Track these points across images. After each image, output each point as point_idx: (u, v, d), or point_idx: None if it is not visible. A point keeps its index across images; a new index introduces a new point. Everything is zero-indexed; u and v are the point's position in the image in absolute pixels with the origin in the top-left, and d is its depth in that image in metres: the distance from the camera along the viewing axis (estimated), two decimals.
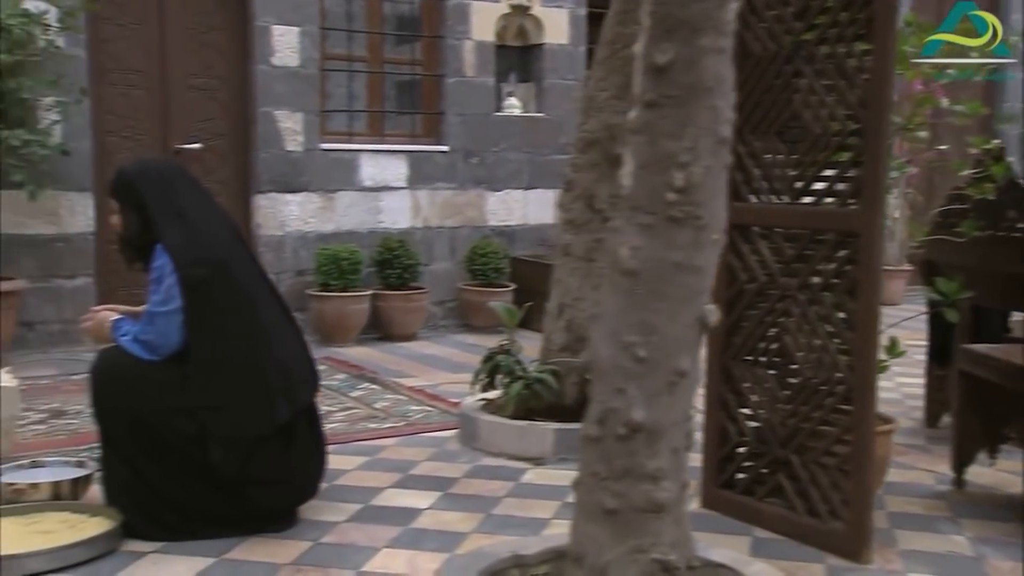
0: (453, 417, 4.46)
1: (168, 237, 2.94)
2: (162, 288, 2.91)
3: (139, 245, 3.02)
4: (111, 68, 6.04)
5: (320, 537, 2.98)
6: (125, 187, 3.03)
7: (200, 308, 2.91)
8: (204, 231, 3.01)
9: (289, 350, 3.06)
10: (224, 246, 3.04)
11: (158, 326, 2.91)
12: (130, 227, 3.01)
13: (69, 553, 2.72)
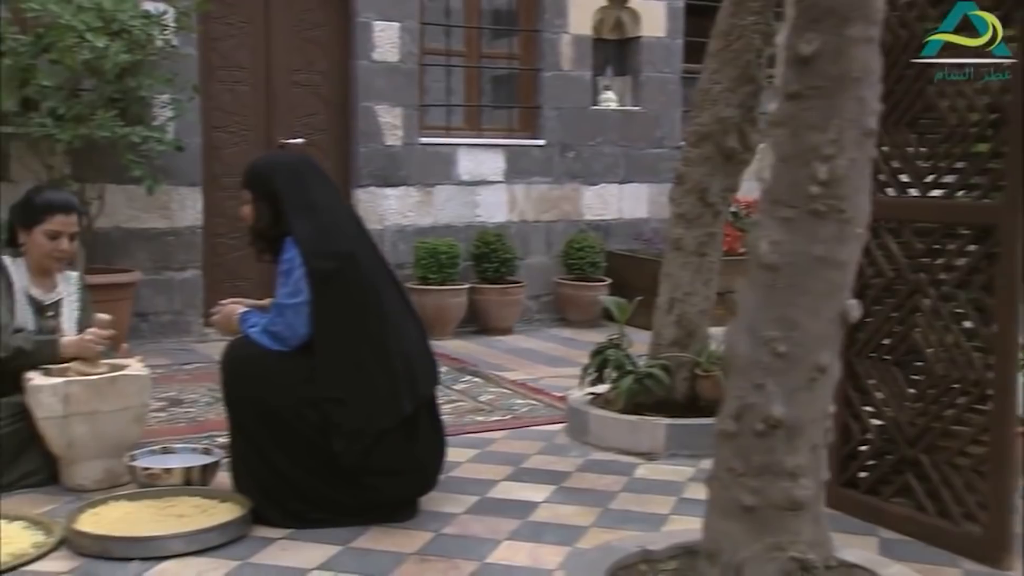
0: (559, 411, 4.47)
1: (298, 230, 3.00)
2: (291, 281, 2.97)
3: (270, 237, 3.08)
4: (219, 66, 6.19)
5: (441, 528, 3.01)
6: (259, 179, 3.09)
7: (327, 301, 2.96)
8: (332, 224, 3.07)
9: (412, 343, 3.09)
10: (351, 239, 3.09)
11: (287, 318, 2.97)
12: (261, 219, 3.08)
13: (205, 537, 2.80)
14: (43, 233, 3.48)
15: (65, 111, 4.96)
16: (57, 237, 3.50)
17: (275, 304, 3.03)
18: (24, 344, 3.35)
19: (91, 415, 3.26)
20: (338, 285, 2.96)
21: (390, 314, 3.06)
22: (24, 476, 3.32)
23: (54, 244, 3.50)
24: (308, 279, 2.96)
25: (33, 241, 3.49)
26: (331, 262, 2.98)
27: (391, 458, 2.99)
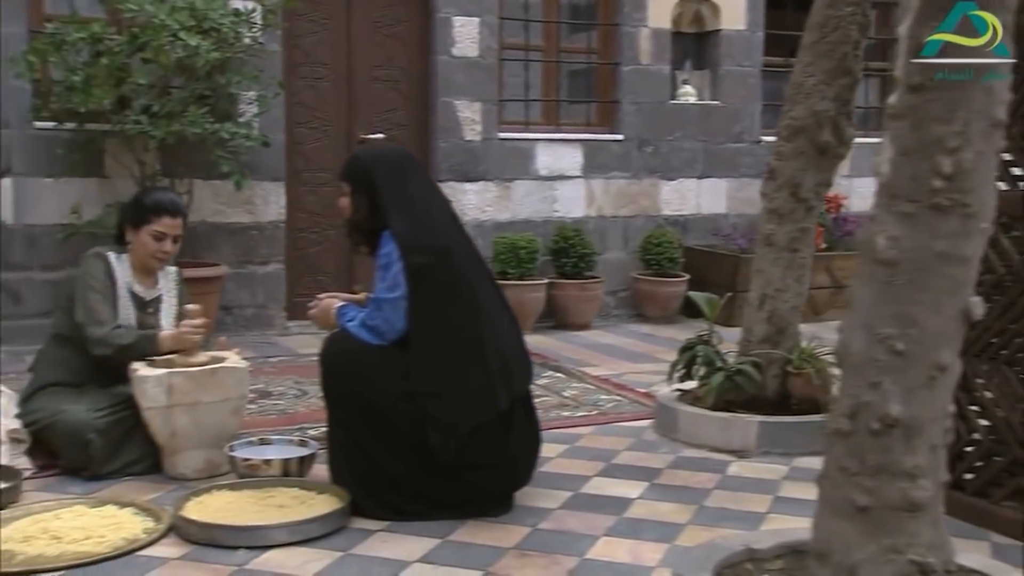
0: (645, 407, 4.44)
1: (395, 224, 3.02)
2: (389, 275, 2.99)
3: (366, 230, 3.11)
4: (301, 62, 6.27)
5: (538, 523, 3.01)
6: (359, 171, 3.12)
7: (423, 295, 2.98)
8: (429, 219, 3.08)
9: (506, 338, 3.10)
10: (447, 234, 3.10)
11: (385, 312, 2.99)
12: (359, 211, 3.11)
13: (308, 527, 2.84)
14: (150, 234, 3.56)
15: (158, 108, 5.06)
16: (162, 239, 3.58)
17: (373, 298, 3.06)
18: (125, 340, 3.43)
19: (193, 406, 3.32)
20: (434, 280, 2.98)
21: (485, 309, 3.06)
22: (128, 464, 3.40)
23: (159, 245, 3.58)
24: (405, 274, 2.98)
25: (139, 240, 3.57)
26: (427, 257, 3.00)
27: (487, 452, 2.99)
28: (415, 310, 2.98)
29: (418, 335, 2.99)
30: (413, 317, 2.98)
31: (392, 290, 2.99)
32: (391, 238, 3.01)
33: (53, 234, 5.55)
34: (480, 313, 3.03)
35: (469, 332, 2.99)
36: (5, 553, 2.69)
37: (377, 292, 3.04)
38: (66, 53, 5.02)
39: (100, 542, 2.76)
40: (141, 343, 3.46)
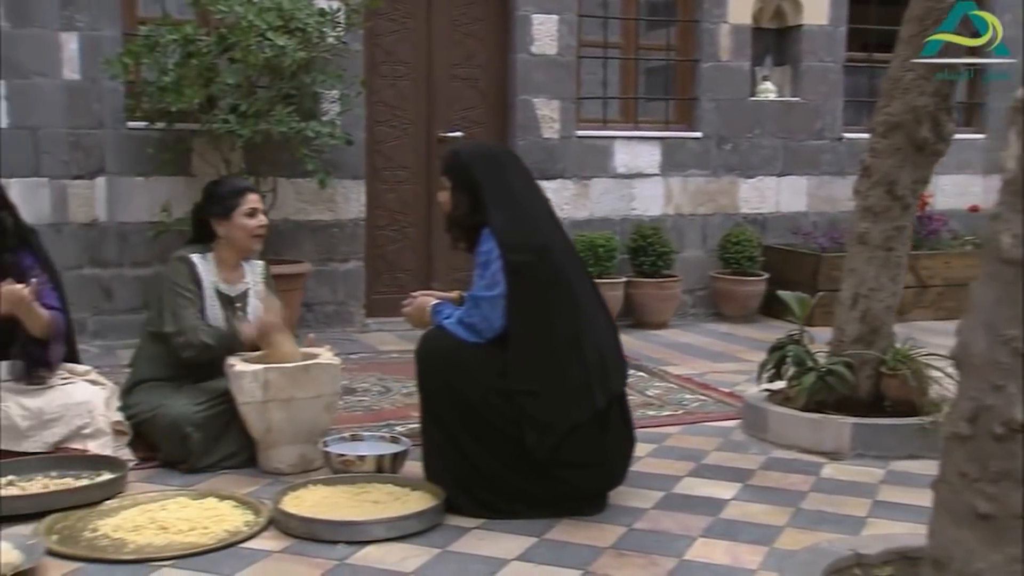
0: (731, 407, 4.40)
1: (495, 221, 3.02)
2: (488, 273, 3.00)
3: (466, 225, 3.11)
4: (382, 61, 6.32)
5: (632, 523, 3.00)
6: (460, 167, 3.12)
7: (522, 293, 2.97)
8: (529, 216, 3.08)
9: (603, 337, 3.09)
10: (547, 231, 3.10)
11: (482, 310, 3.00)
12: (459, 207, 3.11)
13: (405, 523, 2.86)
14: (243, 214, 3.63)
15: (246, 108, 5.15)
16: (255, 214, 3.65)
17: (471, 296, 3.06)
18: (209, 339, 3.50)
19: (287, 401, 3.37)
20: (533, 278, 2.97)
21: (583, 307, 3.05)
22: (225, 458, 3.47)
23: (256, 221, 3.66)
24: (504, 271, 2.98)
25: (235, 225, 3.63)
26: (526, 255, 2.99)
27: (582, 451, 2.98)
28: (514, 308, 2.98)
29: (516, 333, 2.98)
30: (512, 315, 2.98)
31: (491, 288, 2.99)
32: (491, 236, 3.01)
33: (143, 231, 5.68)
34: (579, 312, 3.02)
35: (568, 331, 2.98)
36: (117, 541, 2.76)
37: (475, 290, 3.04)
38: (159, 54, 5.13)
39: (204, 533, 2.82)
40: (224, 340, 3.52)
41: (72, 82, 5.47)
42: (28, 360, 3.44)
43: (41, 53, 5.37)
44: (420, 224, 6.52)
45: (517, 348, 2.97)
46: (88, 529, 2.85)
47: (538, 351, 2.96)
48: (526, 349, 2.97)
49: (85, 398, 3.47)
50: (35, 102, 5.40)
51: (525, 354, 2.97)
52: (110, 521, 2.90)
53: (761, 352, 5.72)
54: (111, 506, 3.02)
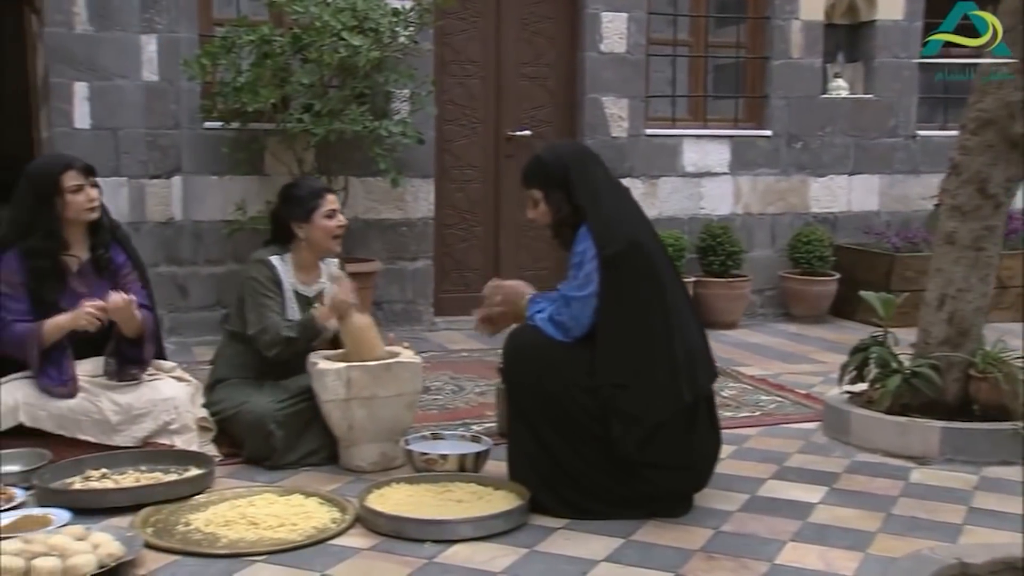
0: (809, 409, 4.34)
1: (591, 217, 3.00)
2: (581, 274, 2.99)
3: (572, 224, 3.07)
4: (451, 60, 6.34)
5: (719, 525, 2.96)
6: (547, 172, 3.10)
7: (615, 286, 2.95)
8: (618, 211, 3.07)
9: (693, 335, 3.06)
10: (637, 225, 3.08)
11: (573, 309, 2.98)
12: (562, 209, 3.07)
13: (492, 523, 2.86)
14: (323, 216, 3.66)
15: (320, 107, 5.19)
16: (334, 215, 3.68)
17: (562, 295, 3.03)
18: (290, 333, 3.53)
19: (369, 400, 3.39)
20: (626, 271, 2.95)
21: (674, 303, 3.04)
22: (306, 455, 3.50)
23: (336, 221, 3.69)
24: (598, 266, 2.95)
25: (315, 227, 3.66)
26: (621, 246, 2.97)
27: (669, 451, 2.96)
28: (605, 301, 2.95)
29: (607, 326, 2.96)
30: (603, 308, 2.95)
31: (583, 288, 2.98)
32: (587, 234, 3.00)
33: (217, 230, 5.77)
34: (669, 307, 3.01)
35: (657, 325, 2.96)
36: (210, 536, 2.80)
37: (567, 289, 3.02)
38: (235, 55, 5.20)
39: (293, 529, 2.85)
40: (304, 328, 3.54)
41: (151, 83, 5.57)
42: (121, 358, 3.51)
43: (123, 55, 5.48)
44: (488, 223, 6.53)
45: (607, 341, 2.95)
46: (181, 523, 2.90)
47: (628, 344, 2.94)
48: (616, 341, 2.95)
49: (172, 394, 3.53)
50: (116, 103, 5.51)
51: (615, 347, 2.95)
52: (201, 515, 2.94)
53: (834, 353, 5.69)
54: (201, 501, 3.07)
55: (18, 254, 3.45)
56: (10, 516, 2.83)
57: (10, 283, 3.43)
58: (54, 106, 5.48)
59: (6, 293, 3.43)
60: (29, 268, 3.43)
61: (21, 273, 3.44)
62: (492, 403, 4.39)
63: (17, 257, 3.45)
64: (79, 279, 3.53)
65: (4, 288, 3.43)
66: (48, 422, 3.34)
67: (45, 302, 3.45)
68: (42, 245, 3.45)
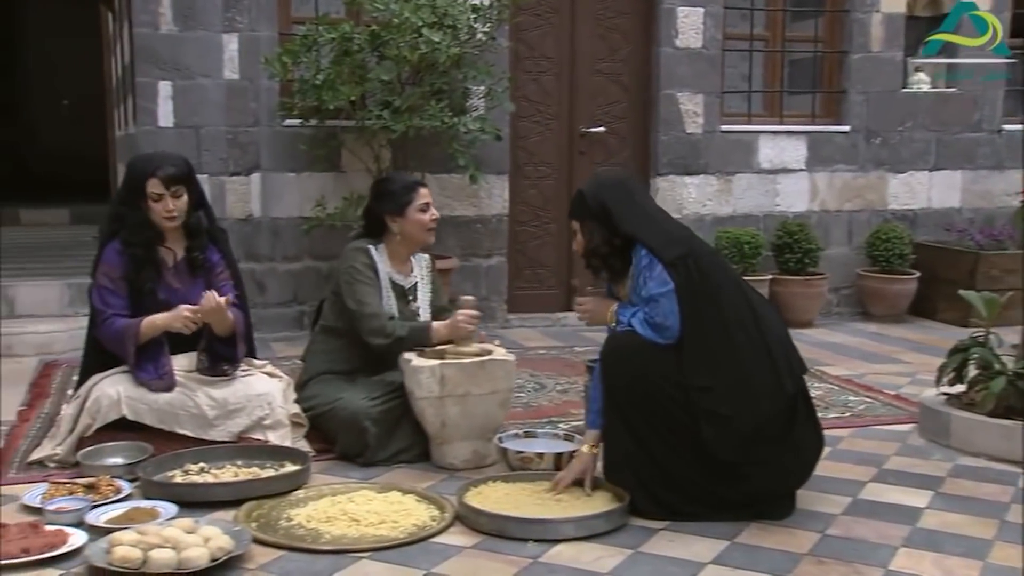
0: (901, 410, 4.26)
1: (642, 232, 3.05)
2: (655, 273, 2.99)
3: (604, 254, 3.14)
4: (526, 56, 6.31)
5: (824, 529, 2.90)
6: (584, 204, 3.16)
7: (686, 287, 2.96)
8: (666, 222, 3.16)
9: (778, 328, 3.03)
10: (688, 234, 3.15)
11: (663, 306, 2.95)
12: (593, 238, 3.14)
13: (594, 523, 2.83)
14: (417, 210, 3.67)
15: (399, 104, 5.20)
16: (427, 208, 3.69)
17: (648, 296, 3.00)
18: (401, 331, 3.53)
19: (463, 397, 3.38)
20: (695, 272, 2.96)
21: (751, 298, 3.04)
22: (398, 452, 3.50)
23: (429, 215, 3.69)
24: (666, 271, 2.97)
25: (409, 220, 3.68)
26: (679, 252, 3.01)
27: (769, 448, 2.91)
28: (684, 305, 2.95)
29: (689, 328, 2.94)
30: (684, 313, 2.94)
31: (663, 285, 2.96)
32: (642, 246, 3.04)
33: (294, 227, 5.81)
34: (750, 302, 3.00)
35: (743, 321, 2.94)
36: (312, 532, 2.81)
37: (650, 290, 2.99)
38: (315, 53, 5.23)
39: (395, 527, 2.84)
40: (415, 334, 3.55)
41: (231, 81, 5.63)
42: (213, 355, 3.54)
43: (205, 54, 5.54)
44: (561, 220, 6.48)
45: (688, 343, 2.94)
46: (283, 518, 2.91)
47: (711, 345, 2.92)
48: (697, 344, 2.93)
49: (265, 390, 3.55)
50: (198, 102, 5.57)
51: (698, 349, 2.93)
52: (302, 511, 2.95)
53: (919, 354, 5.59)
54: (300, 496, 3.08)
55: (118, 246, 3.49)
56: (119, 508, 2.87)
57: (110, 276, 3.49)
58: (140, 105, 5.56)
59: (106, 287, 3.48)
60: (127, 257, 3.47)
61: (120, 266, 3.48)
62: (576, 401, 4.38)
63: (117, 249, 3.49)
64: (174, 274, 3.57)
65: (105, 282, 3.48)
66: (149, 416, 3.38)
67: (143, 292, 3.49)
68: (138, 235, 3.48)
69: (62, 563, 2.56)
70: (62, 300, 5.46)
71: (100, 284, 3.49)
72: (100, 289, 3.49)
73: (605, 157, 6.51)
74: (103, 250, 3.53)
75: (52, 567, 2.54)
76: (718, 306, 2.96)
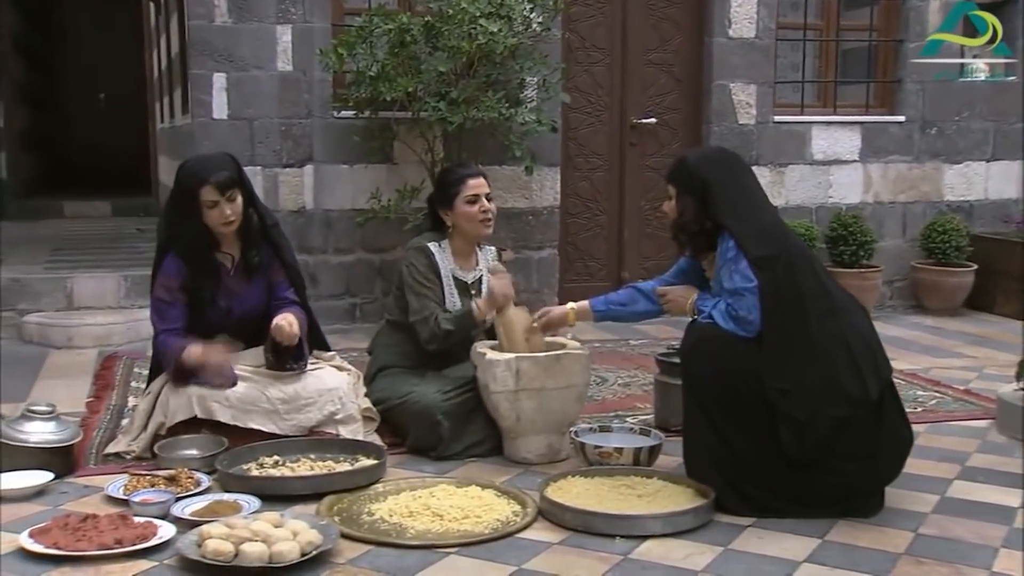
0: (974, 405, 4.20)
1: (732, 224, 2.98)
2: (741, 267, 2.94)
3: (693, 231, 3.08)
4: (577, 47, 6.24)
5: (917, 528, 2.84)
6: (687, 174, 3.09)
7: (769, 287, 2.90)
8: (763, 214, 3.07)
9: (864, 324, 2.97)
10: (781, 229, 3.05)
11: (748, 301, 2.90)
12: (685, 213, 3.08)
13: (681, 519, 2.78)
14: (464, 201, 3.62)
15: (456, 95, 5.15)
16: (476, 200, 3.62)
17: (733, 289, 2.95)
18: (448, 325, 3.50)
19: (539, 391, 3.34)
20: (778, 272, 2.90)
21: (836, 297, 2.98)
22: (471, 446, 3.46)
23: (477, 207, 3.63)
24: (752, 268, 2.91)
25: (459, 214, 3.63)
26: (771, 248, 2.95)
27: (857, 442, 2.85)
28: (766, 304, 2.89)
29: (770, 330, 2.89)
30: (764, 311, 2.89)
31: (748, 280, 2.92)
32: (729, 236, 2.97)
33: (347, 219, 5.78)
34: (833, 301, 2.94)
35: (826, 325, 2.88)
36: (396, 526, 2.78)
37: (735, 283, 2.94)
38: (371, 44, 5.19)
39: (478, 522, 2.80)
40: (462, 321, 3.51)
41: (285, 73, 5.60)
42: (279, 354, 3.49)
43: (259, 46, 5.52)
44: (612, 212, 6.44)
45: (769, 344, 2.88)
46: (364, 512, 2.88)
47: (791, 347, 2.86)
48: (778, 346, 2.88)
49: (336, 384, 3.52)
50: (251, 93, 5.55)
51: (777, 350, 2.87)
52: (383, 505, 2.92)
53: (981, 348, 5.50)
54: (379, 490, 3.05)
55: (175, 257, 3.41)
56: (202, 500, 2.85)
57: (168, 287, 3.41)
58: (193, 96, 5.55)
59: (163, 299, 3.41)
60: (185, 267, 3.40)
61: (178, 276, 3.40)
62: (639, 395, 4.33)
63: (175, 260, 3.41)
64: (233, 278, 3.51)
65: (162, 293, 3.41)
66: (221, 412, 3.34)
67: (203, 301, 3.44)
68: (194, 244, 3.41)
69: (153, 555, 2.54)
70: (119, 292, 5.47)
71: (157, 296, 3.42)
72: (156, 302, 3.43)
73: (656, 149, 6.44)
74: (160, 261, 3.44)
75: (144, 558, 2.52)
76: (801, 309, 2.89)
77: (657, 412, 3.83)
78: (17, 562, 2.51)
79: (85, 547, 2.49)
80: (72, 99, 12.50)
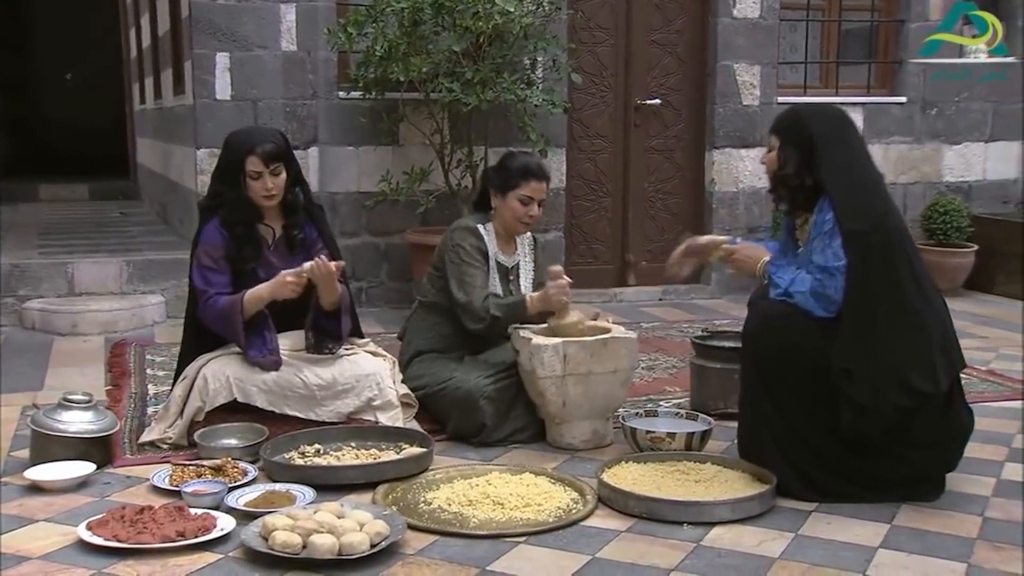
0: (1000, 386, 4.25)
1: (832, 186, 2.86)
2: (835, 243, 2.83)
3: (792, 186, 2.96)
4: (581, 27, 6.15)
5: (982, 511, 2.81)
6: (794, 125, 2.97)
7: (857, 264, 2.80)
8: (866, 182, 2.93)
9: (943, 314, 2.92)
10: (884, 200, 2.93)
11: (837, 280, 2.80)
12: (786, 165, 2.95)
13: (748, 505, 2.73)
14: (517, 198, 3.54)
15: (472, 75, 5.05)
16: (529, 203, 3.55)
17: (822, 267, 2.84)
18: (496, 311, 3.42)
19: (586, 376, 3.27)
20: (870, 249, 2.80)
21: (922, 282, 2.88)
22: (514, 432, 3.39)
23: (525, 209, 3.56)
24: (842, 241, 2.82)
25: (506, 205, 3.55)
26: (864, 223, 2.82)
27: (926, 429, 2.82)
28: (851, 281, 2.81)
29: (848, 308, 2.81)
30: (848, 288, 2.81)
31: (840, 259, 2.81)
32: (829, 206, 2.85)
33: (352, 202, 5.67)
34: (919, 286, 2.85)
35: (907, 312, 2.81)
36: (458, 515, 2.70)
37: (827, 260, 2.83)
38: (382, 24, 5.06)
39: (540, 510, 2.74)
40: (512, 310, 3.45)
41: (289, 53, 5.47)
42: (318, 332, 3.42)
43: (263, 25, 5.39)
44: (616, 194, 6.38)
45: (845, 322, 2.80)
46: (421, 501, 2.80)
47: (865, 331, 2.78)
48: (854, 325, 2.80)
49: (373, 370, 3.43)
50: (255, 74, 5.42)
51: (853, 332, 2.79)
52: (439, 494, 2.84)
53: (991, 328, 5.52)
54: (431, 479, 2.97)
55: (217, 224, 3.37)
56: (254, 491, 2.76)
57: (211, 256, 3.37)
58: (196, 76, 5.39)
59: (208, 266, 3.36)
60: (228, 235, 3.36)
61: (222, 244, 3.36)
62: (665, 378, 4.28)
63: (217, 227, 3.37)
64: (273, 252, 3.45)
65: (207, 261, 3.36)
66: (259, 397, 3.26)
67: (244, 271, 3.37)
68: (237, 213, 3.37)
69: (216, 547, 2.45)
70: (120, 278, 5.31)
71: (201, 263, 3.36)
72: (201, 268, 3.37)
73: (660, 130, 6.39)
74: (202, 228, 3.40)
75: (208, 551, 2.43)
76: (885, 291, 2.80)
77: (693, 396, 3.78)
78: (80, 555, 2.40)
79: (148, 540, 2.39)
80: (43, 80, 12.19)
